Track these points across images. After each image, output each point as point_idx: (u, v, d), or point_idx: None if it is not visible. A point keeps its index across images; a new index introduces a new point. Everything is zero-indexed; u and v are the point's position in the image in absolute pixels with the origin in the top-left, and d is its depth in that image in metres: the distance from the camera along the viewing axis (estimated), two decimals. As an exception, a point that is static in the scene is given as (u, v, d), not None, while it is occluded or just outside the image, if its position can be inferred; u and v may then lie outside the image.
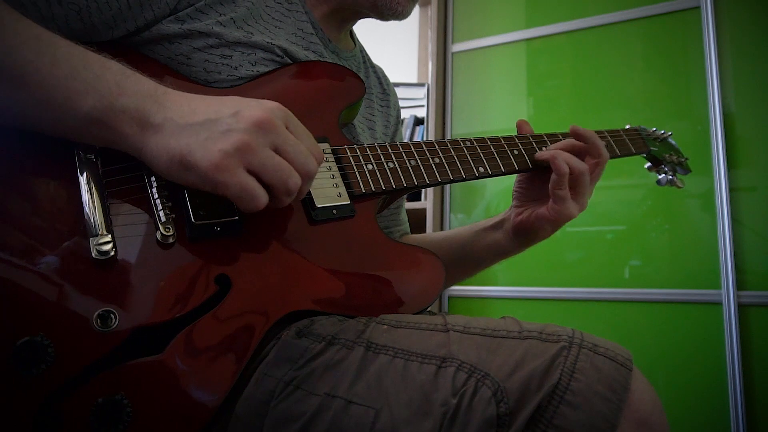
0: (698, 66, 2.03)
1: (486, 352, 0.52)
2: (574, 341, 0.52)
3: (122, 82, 0.54)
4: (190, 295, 0.54)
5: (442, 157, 0.77)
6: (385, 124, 1.01)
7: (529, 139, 0.86)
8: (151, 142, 0.53)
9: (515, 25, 2.42)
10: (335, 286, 0.63)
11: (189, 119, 0.53)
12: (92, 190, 0.54)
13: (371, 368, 0.53)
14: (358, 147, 0.72)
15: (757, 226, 1.88)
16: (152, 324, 0.52)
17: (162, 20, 0.67)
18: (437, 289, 0.67)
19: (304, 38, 0.81)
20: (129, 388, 0.49)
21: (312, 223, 0.65)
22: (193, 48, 0.68)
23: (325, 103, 0.75)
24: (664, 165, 1.07)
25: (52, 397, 0.47)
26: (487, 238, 0.91)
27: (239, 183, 0.52)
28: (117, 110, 0.52)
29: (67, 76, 0.52)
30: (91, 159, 0.56)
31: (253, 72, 0.70)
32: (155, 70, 0.66)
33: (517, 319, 0.87)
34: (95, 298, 0.51)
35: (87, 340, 0.49)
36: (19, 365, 0.46)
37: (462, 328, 0.56)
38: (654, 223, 2.07)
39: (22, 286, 0.49)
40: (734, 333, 1.81)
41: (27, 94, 0.52)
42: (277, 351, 0.56)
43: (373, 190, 0.70)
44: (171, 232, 0.55)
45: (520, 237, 0.87)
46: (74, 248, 0.52)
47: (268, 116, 0.54)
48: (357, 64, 0.94)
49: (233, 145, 0.51)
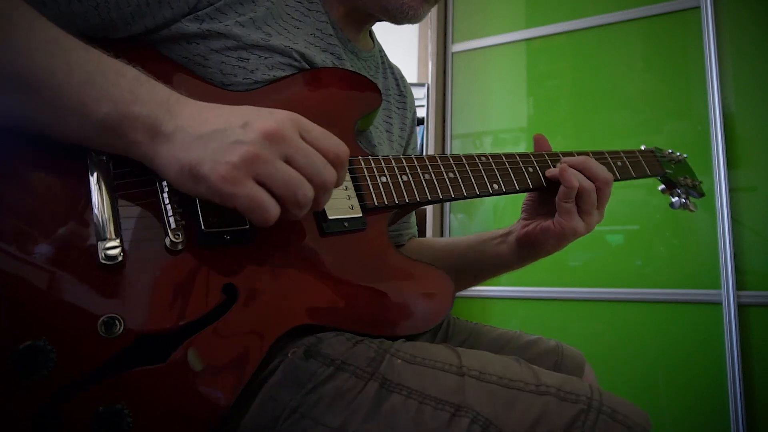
0: (698, 66, 2.03)
1: (502, 406, 0.51)
2: (593, 404, 0.51)
3: (136, 89, 0.53)
4: (196, 304, 0.54)
5: (457, 172, 0.76)
6: (401, 126, 1.00)
7: (545, 156, 0.86)
8: (161, 151, 0.52)
9: (515, 25, 2.42)
10: (343, 301, 0.62)
11: (199, 129, 0.52)
12: (102, 193, 0.54)
13: (384, 407, 0.52)
14: (372, 159, 0.71)
15: (757, 226, 1.88)
16: (157, 332, 0.51)
17: (181, 19, 0.66)
18: (445, 310, 0.66)
19: (323, 39, 0.80)
20: (130, 398, 0.48)
21: (323, 235, 0.64)
22: (210, 49, 0.67)
23: (340, 111, 0.74)
24: (678, 188, 1.06)
25: (53, 402, 0.47)
26: (491, 250, 0.91)
27: (248, 195, 0.51)
28: (130, 118, 0.52)
29: (82, 82, 0.51)
30: (103, 160, 0.55)
31: (270, 76, 0.70)
32: (170, 70, 0.66)
33: (526, 336, 0.86)
34: (101, 304, 0.50)
35: (90, 345, 0.49)
36: (20, 369, 0.46)
37: (478, 373, 0.55)
38: (654, 223, 2.07)
39: (26, 288, 0.49)
40: (734, 333, 1.81)
41: (40, 98, 0.51)
42: (283, 372, 0.55)
43: (386, 203, 0.69)
44: (180, 239, 0.55)
45: (523, 249, 0.87)
46: (81, 251, 0.52)
47: (278, 126, 0.53)
48: (375, 65, 0.93)
49: (241, 156, 0.50)
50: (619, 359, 1.99)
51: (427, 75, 2.51)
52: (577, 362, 0.88)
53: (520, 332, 0.93)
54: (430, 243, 1.05)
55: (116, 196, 0.55)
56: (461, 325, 0.94)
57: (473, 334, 0.91)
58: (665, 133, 2.11)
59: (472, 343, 0.90)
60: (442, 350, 0.59)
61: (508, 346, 0.88)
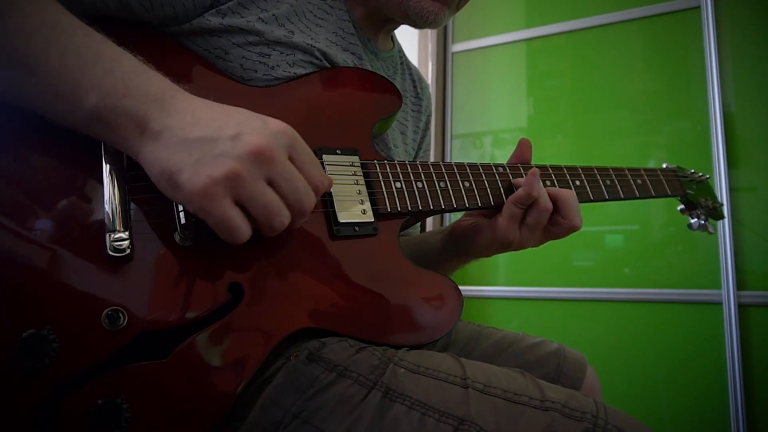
0: (698, 66, 2.03)
1: (506, 421, 0.51)
2: (598, 423, 0.51)
3: (131, 80, 0.51)
4: (201, 301, 0.53)
5: (473, 181, 0.74)
6: (414, 129, 0.99)
7: (563, 171, 0.83)
8: (147, 149, 0.51)
9: (515, 25, 2.42)
10: (348, 307, 0.61)
11: (187, 132, 0.50)
12: (114, 184, 0.53)
13: (387, 417, 0.51)
14: (388, 163, 0.70)
15: (757, 226, 1.88)
16: (160, 327, 0.51)
17: (203, 12, 0.66)
18: (453, 321, 0.64)
19: (344, 38, 0.80)
20: (130, 392, 0.48)
21: (332, 238, 0.63)
22: (232, 43, 0.66)
23: (359, 113, 0.73)
24: (698, 209, 1.04)
25: (53, 392, 0.47)
26: (426, 243, 0.88)
27: (220, 214, 0.49)
28: (119, 111, 0.50)
29: (76, 68, 0.50)
30: (117, 151, 0.54)
31: (290, 73, 0.69)
32: (189, 61, 0.65)
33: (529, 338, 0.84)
34: (106, 296, 0.50)
35: (93, 337, 0.48)
36: (22, 357, 0.46)
37: (482, 386, 0.54)
38: (654, 223, 2.07)
39: (31, 276, 0.49)
40: (734, 333, 1.81)
41: (36, 81, 0.50)
42: (285, 376, 0.54)
43: (399, 210, 0.67)
44: (189, 235, 0.54)
45: (450, 242, 0.83)
46: (89, 242, 0.51)
47: (268, 145, 0.50)
48: (394, 65, 0.93)
49: (223, 173, 0.48)
50: (619, 359, 1.99)
51: (427, 75, 2.51)
52: (579, 365, 0.87)
53: (523, 334, 0.92)
54: (411, 240, 1.02)
55: (128, 188, 0.54)
56: (463, 327, 0.93)
57: (475, 336, 0.91)
58: (665, 133, 2.11)
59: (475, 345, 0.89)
60: (446, 360, 0.59)
61: (511, 348, 0.88)
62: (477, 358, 0.84)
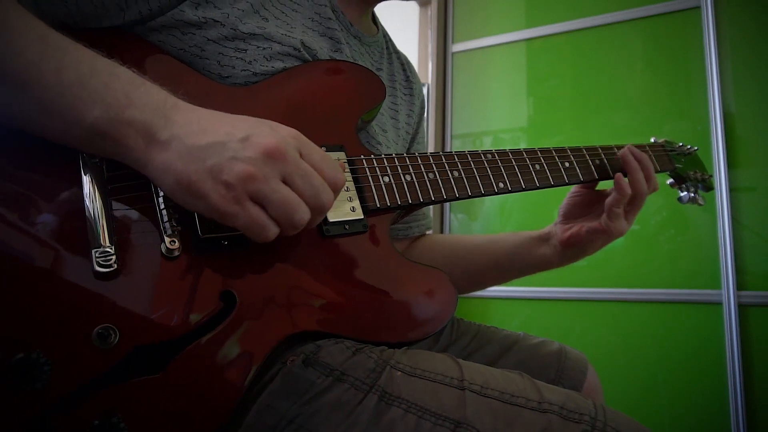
0: (698, 66, 2.03)
1: (503, 423, 0.51)
2: (597, 425, 0.51)
3: (131, 92, 0.51)
4: (193, 312, 0.52)
5: (462, 170, 0.74)
6: (408, 113, 0.98)
7: (552, 152, 0.84)
8: (157, 159, 0.51)
9: (515, 25, 2.42)
10: (343, 307, 0.60)
11: (197, 140, 0.50)
12: (96, 197, 0.52)
13: (383, 421, 0.51)
14: (375, 158, 0.69)
15: (757, 226, 1.88)
16: (153, 342, 0.50)
17: (177, 4, 0.64)
18: (448, 315, 0.64)
19: (321, 23, 0.78)
20: (126, 410, 0.47)
21: (323, 238, 0.62)
22: (207, 39, 0.65)
23: (342, 107, 0.71)
24: (687, 182, 1.04)
25: (46, 416, 0.45)
26: (534, 251, 0.92)
27: (248, 216, 0.50)
28: (123, 123, 0.50)
29: (73, 83, 0.50)
30: (96, 163, 0.53)
31: (268, 68, 0.67)
32: (166, 63, 0.64)
33: (530, 338, 0.86)
34: (95, 314, 0.49)
35: (85, 357, 0.47)
36: (12, 383, 0.44)
37: (479, 388, 0.54)
38: (654, 223, 2.07)
39: (18, 298, 0.47)
40: (734, 333, 1.81)
41: (31, 99, 0.49)
42: (281, 381, 0.54)
43: (389, 204, 0.67)
44: (176, 245, 0.53)
45: (568, 250, 0.90)
46: (75, 259, 0.50)
47: (279, 145, 0.51)
48: (380, 50, 0.91)
49: (237, 175, 0.49)
50: (620, 359, 1.99)
51: (427, 75, 2.51)
52: (580, 365, 0.87)
53: (525, 334, 0.92)
54: (458, 241, 1.03)
55: (110, 201, 0.53)
56: (467, 325, 0.93)
57: (479, 335, 0.91)
58: (665, 133, 2.11)
59: (479, 344, 0.89)
60: (444, 361, 0.58)
61: (514, 347, 0.88)
62: (480, 360, 0.84)
